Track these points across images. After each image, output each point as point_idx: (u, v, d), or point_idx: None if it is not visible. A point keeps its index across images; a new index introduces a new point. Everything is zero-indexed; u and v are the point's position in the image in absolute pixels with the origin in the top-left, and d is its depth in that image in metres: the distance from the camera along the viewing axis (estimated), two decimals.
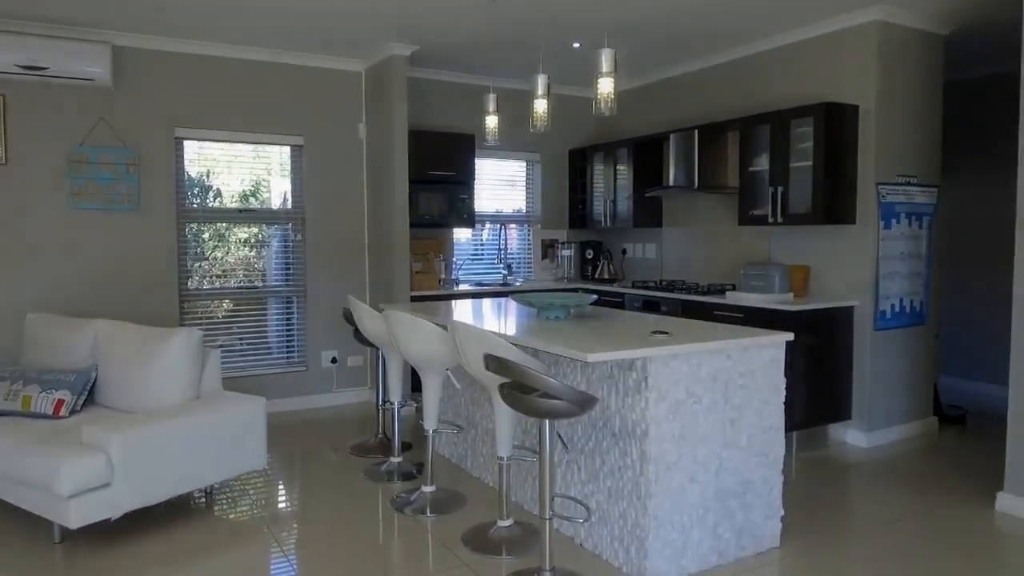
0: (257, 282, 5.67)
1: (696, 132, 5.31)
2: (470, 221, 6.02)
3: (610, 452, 2.96)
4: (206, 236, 5.49)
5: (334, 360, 5.79)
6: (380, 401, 4.67)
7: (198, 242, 5.43)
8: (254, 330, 5.63)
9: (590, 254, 6.68)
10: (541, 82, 3.88)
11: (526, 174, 6.76)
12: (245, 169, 5.58)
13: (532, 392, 2.64)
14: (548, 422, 2.75)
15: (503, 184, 6.66)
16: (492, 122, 4.45)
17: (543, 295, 3.82)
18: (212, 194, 5.49)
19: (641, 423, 2.79)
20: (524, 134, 5.47)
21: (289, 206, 5.69)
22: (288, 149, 5.64)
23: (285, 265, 5.71)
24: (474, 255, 6.54)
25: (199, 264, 5.44)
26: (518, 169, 6.71)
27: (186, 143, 5.27)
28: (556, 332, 3.16)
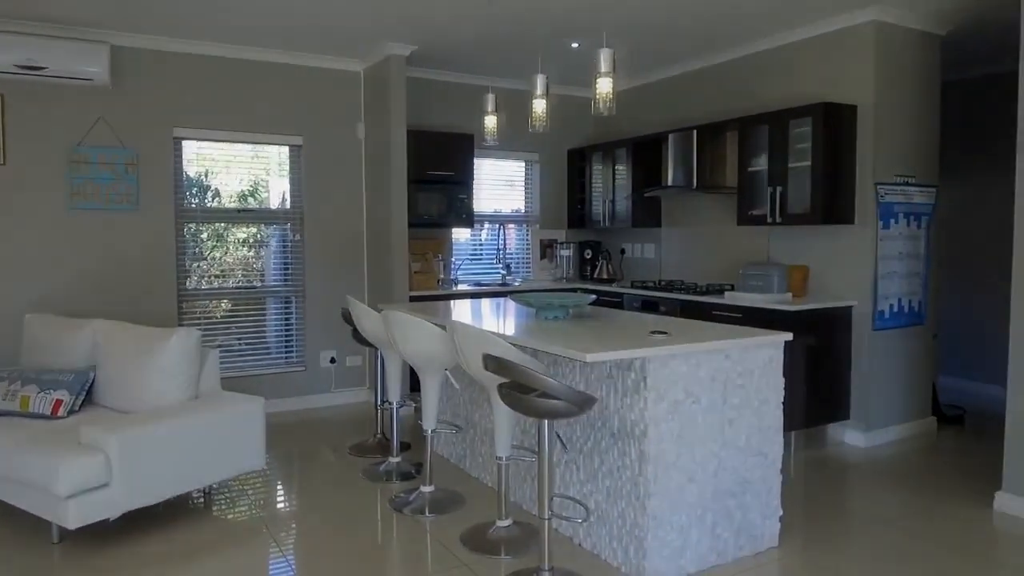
0: (256, 282, 5.66)
1: (695, 132, 5.31)
2: (469, 221, 6.02)
3: (609, 452, 2.96)
4: (205, 236, 5.48)
5: (333, 360, 5.79)
6: (379, 401, 4.67)
7: (197, 242, 5.42)
8: (252, 330, 5.63)
9: (589, 254, 6.68)
10: (540, 82, 3.88)
11: (525, 174, 6.75)
12: (244, 169, 5.57)
13: (531, 392, 2.64)
14: (547, 422, 2.75)
15: (502, 184, 6.66)
16: (491, 122, 4.45)
17: (542, 295, 3.82)
18: (211, 194, 5.48)
19: (640, 423, 2.79)
20: (523, 134, 5.47)
21: (288, 206, 5.69)
22: (287, 149, 5.64)
23: (284, 265, 5.71)
24: (473, 255, 6.54)
25: (198, 264, 5.43)
26: (517, 169, 6.71)
27: (185, 143, 5.26)
28: (555, 332, 3.17)
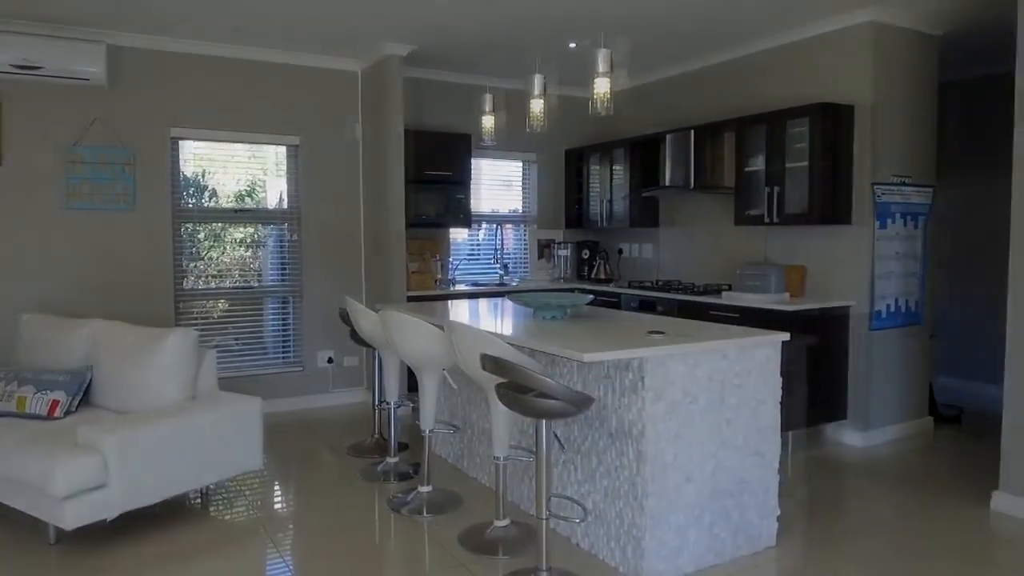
0: (253, 282, 5.66)
1: (692, 132, 5.31)
2: (467, 221, 6.02)
3: (607, 452, 2.96)
4: (202, 236, 5.47)
5: (330, 360, 5.78)
6: (376, 401, 4.66)
7: (194, 242, 5.41)
8: (250, 330, 5.62)
9: (586, 254, 6.68)
10: (538, 82, 3.88)
11: (523, 174, 6.75)
12: (241, 169, 5.57)
13: (529, 392, 2.64)
14: (544, 422, 2.75)
15: (500, 184, 6.66)
16: (489, 122, 4.44)
17: (539, 295, 3.82)
18: (208, 194, 5.47)
19: (637, 423, 2.79)
20: (521, 134, 5.47)
21: (285, 206, 5.68)
22: (284, 149, 5.63)
23: (281, 265, 5.70)
24: (470, 255, 6.54)
25: (195, 264, 5.42)
26: (515, 169, 6.71)
27: (182, 143, 5.25)
28: (552, 332, 3.16)
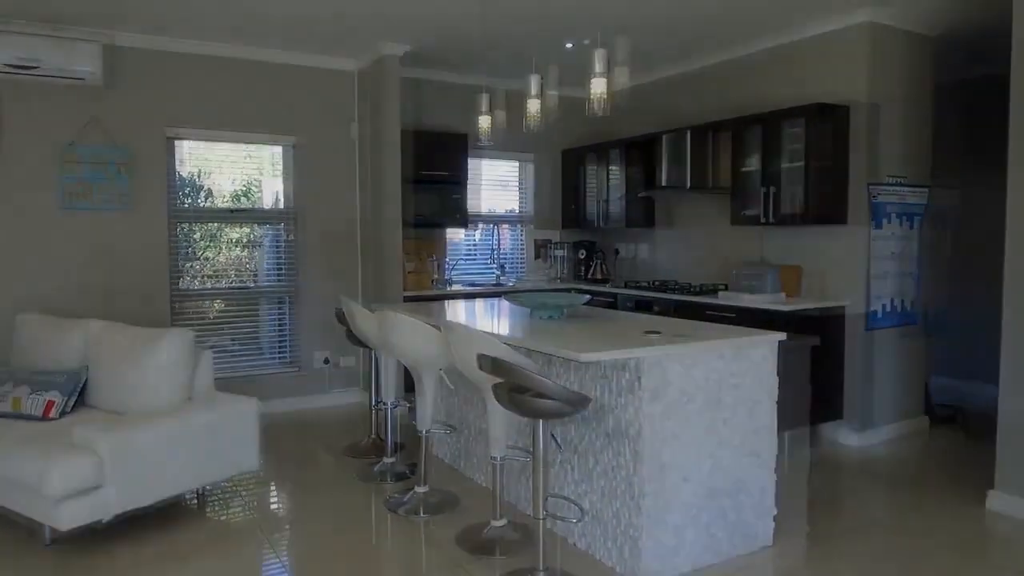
0: (249, 282, 5.65)
1: (688, 132, 5.32)
2: (463, 221, 6.02)
3: (603, 452, 2.96)
4: (197, 236, 5.46)
5: (327, 361, 5.78)
6: (373, 402, 4.66)
7: (189, 242, 5.40)
8: (246, 330, 5.61)
9: (583, 254, 6.69)
10: (535, 82, 3.88)
11: (519, 174, 6.76)
12: (237, 169, 5.56)
13: (525, 392, 2.65)
14: (541, 422, 2.76)
15: (496, 184, 6.66)
16: (485, 122, 4.43)
17: (536, 295, 3.83)
18: (204, 194, 5.47)
19: (634, 423, 2.79)
20: (518, 134, 5.47)
21: (281, 206, 5.68)
22: (280, 149, 5.63)
23: (277, 265, 5.69)
24: (467, 255, 6.54)
25: (191, 264, 5.41)
26: (511, 169, 6.71)
27: (178, 143, 5.25)
28: (549, 332, 3.17)
